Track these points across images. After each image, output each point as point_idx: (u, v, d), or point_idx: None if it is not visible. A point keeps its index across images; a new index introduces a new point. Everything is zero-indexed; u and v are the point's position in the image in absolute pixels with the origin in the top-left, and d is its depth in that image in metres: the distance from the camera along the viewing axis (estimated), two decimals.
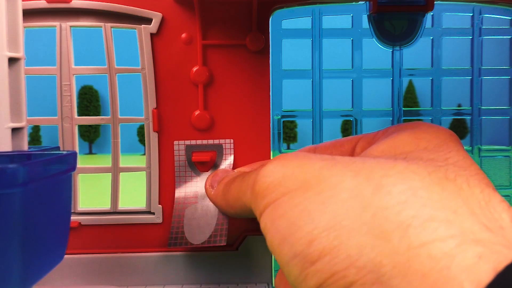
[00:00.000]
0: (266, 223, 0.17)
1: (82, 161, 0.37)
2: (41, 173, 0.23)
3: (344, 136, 0.45)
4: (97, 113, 3.30)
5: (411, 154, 0.17)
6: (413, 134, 0.19)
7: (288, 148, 4.09)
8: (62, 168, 0.26)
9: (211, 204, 0.40)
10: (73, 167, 0.28)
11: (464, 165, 0.17)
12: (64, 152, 0.27)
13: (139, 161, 0.43)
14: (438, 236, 0.13)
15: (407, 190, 0.15)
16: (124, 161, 0.43)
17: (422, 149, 0.18)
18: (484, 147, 0.45)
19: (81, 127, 3.31)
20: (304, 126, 4.16)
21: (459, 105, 0.46)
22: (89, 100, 3.55)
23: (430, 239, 0.13)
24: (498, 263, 0.12)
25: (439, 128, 0.21)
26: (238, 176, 0.22)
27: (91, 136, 3.60)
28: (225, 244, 0.37)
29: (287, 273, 0.16)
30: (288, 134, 4.08)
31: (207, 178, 0.24)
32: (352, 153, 0.24)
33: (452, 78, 0.45)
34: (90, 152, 3.62)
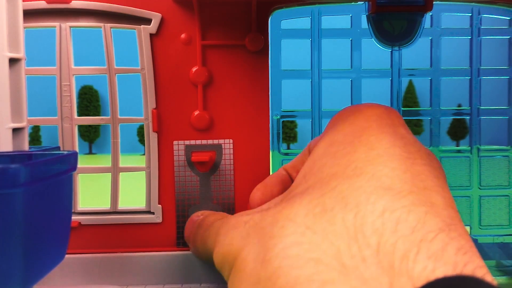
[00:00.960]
0: None
1: (82, 161, 0.37)
2: (42, 173, 0.23)
3: None
4: (97, 113, 3.30)
5: (320, 173, 0.18)
6: (330, 136, 0.19)
7: (288, 148, 4.09)
8: (63, 168, 0.26)
9: (214, 205, 0.40)
10: (73, 167, 0.28)
11: (361, 169, 0.17)
12: (65, 152, 0.27)
13: (139, 161, 0.43)
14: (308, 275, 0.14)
15: (281, 252, 0.15)
16: (124, 161, 0.43)
17: (331, 158, 0.18)
18: (483, 147, 0.45)
19: (81, 127, 3.31)
20: (304, 126, 4.17)
21: (459, 105, 0.46)
22: (89, 100, 3.55)
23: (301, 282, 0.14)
24: None
25: (361, 110, 0.20)
26: (197, 235, 0.27)
27: (91, 136, 3.60)
28: None
29: None
30: (288, 134, 4.08)
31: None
32: None
33: (452, 78, 0.45)
34: (90, 152, 3.62)
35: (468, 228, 0.44)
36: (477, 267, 0.13)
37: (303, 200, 0.17)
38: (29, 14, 0.41)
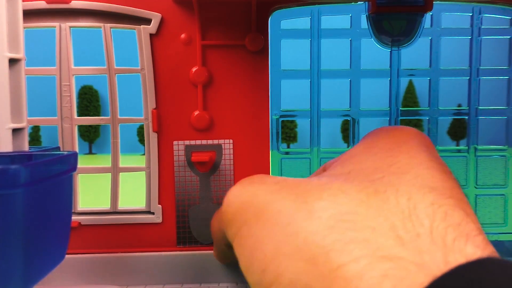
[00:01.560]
0: (236, 252, 0.19)
1: (82, 161, 0.37)
2: (43, 174, 0.23)
3: (343, 135, 0.45)
4: (97, 113, 3.29)
5: (360, 165, 0.19)
6: (369, 141, 0.20)
7: (288, 147, 4.09)
8: (63, 169, 0.26)
9: (214, 204, 0.40)
10: (73, 167, 0.28)
11: (406, 169, 0.18)
12: (65, 152, 0.27)
13: (139, 161, 0.43)
14: (352, 257, 0.14)
15: (335, 215, 0.15)
16: (124, 161, 0.43)
17: (372, 156, 0.19)
18: (480, 146, 0.45)
19: (81, 127, 3.31)
20: (304, 126, 4.16)
21: (459, 105, 0.46)
22: (89, 100, 3.54)
23: (346, 261, 0.14)
24: (400, 281, 0.13)
25: (402, 129, 0.22)
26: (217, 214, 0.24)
27: (91, 136, 3.60)
28: None
29: None
30: (288, 134, 4.08)
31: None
32: None
33: (451, 78, 0.45)
34: (90, 152, 3.62)
35: None
36: None
37: (354, 181, 0.17)
38: (28, 14, 0.41)
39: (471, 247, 0.14)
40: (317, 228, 0.15)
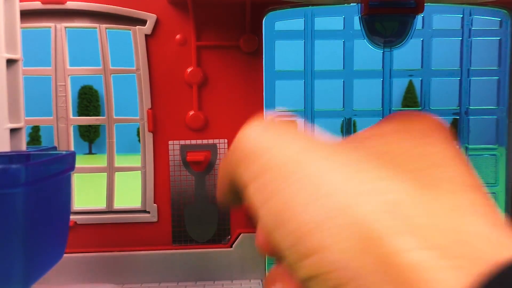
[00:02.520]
0: (253, 198, 0.17)
1: (82, 161, 0.38)
2: (42, 173, 0.23)
3: (343, 135, 0.46)
4: (97, 113, 3.28)
5: (387, 155, 0.18)
6: (393, 134, 0.19)
7: None
8: (61, 168, 0.26)
9: (209, 204, 0.41)
10: (72, 167, 0.28)
11: (441, 162, 0.17)
12: (64, 152, 0.27)
13: (138, 161, 0.43)
14: (412, 247, 0.14)
15: (390, 202, 0.15)
16: (124, 161, 0.44)
17: (402, 141, 0.18)
18: (471, 146, 0.46)
19: (81, 127, 3.29)
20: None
21: (458, 105, 0.47)
22: (89, 100, 3.52)
23: (406, 248, 0.13)
24: (465, 273, 0.13)
25: (425, 117, 0.21)
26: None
27: (91, 136, 3.57)
28: (229, 242, 0.38)
29: (285, 255, 0.16)
30: None
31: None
32: None
33: (443, 79, 0.45)
34: (90, 152, 3.60)
35: None
36: None
37: (395, 167, 0.16)
38: (24, 15, 0.41)
39: None
40: (374, 209, 0.14)
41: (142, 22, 0.41)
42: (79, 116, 0.43)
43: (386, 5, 0.39)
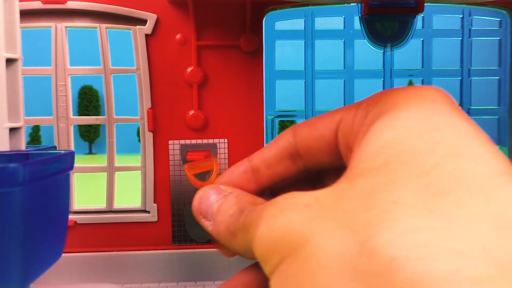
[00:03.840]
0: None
1: (82, 161, 0.38)
2: (41, 172, 0.23)
3: None
4: (97, 113, 3.28)
5: (394, 148, 0.14)
6: (393, 113, 0.16)
7: None
8: (60, 168, 0.26)
9: None
10: (70, 166, 0.28)
11: (457, 148, 0.14)
12: (62, 151, 0.27)
13: (138, 161, 0.43)
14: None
15: (396, 238, 0.12)
16: (125, 161, 0.44)
17: (404, 132, 0.15)
18: None
19: (81, 127, 3.29)
20: None
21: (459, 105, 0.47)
22: (89, 100, 3.53)
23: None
24: None
25: (421, 90, 0.17)
26: (238, 222, 0.18)
27: (91, 136, 3.58)
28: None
29: None
30: None
31: (195, 198, 0.18)
32: (334, 140, 0.19)
33: (444, 79, 0.45)
34: (90, 152, 3.60)
35: None
36: None
37: (402, 178, 0.13)
38: (24, 14, 0.41)
39: None
40: (377, 268, 0.12)
41: (142, 21, 0.41)
42: (79, 116, 0.42)
43: (386, 5, 0.39)
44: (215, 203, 0.20)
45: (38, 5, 0.41)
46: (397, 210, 0.12)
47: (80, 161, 0.35)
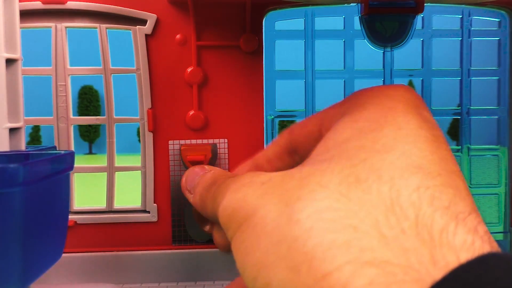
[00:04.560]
0: (234, 255, 0.18)
1: (82, 161, 0.38)
2: (41, 173, 0.23)
3: None
4: (97, 113, 3.28)
5: (344, 144, 0.17)
6: (352, 115, 0.19)
7: None
8: (60, 168, 0.26)
9: None
10: (70, 166, 0.28)
11: (391, 146, 0.16)
12: (62, 152, 0.27)
13: (138, 161, 0.43)
14: (335, 265, 0.13)
15: (313, 214, 0.14)
16: (125, 161, 0.44)
17: (357, 132, 0.18)
18: (473, 146, 0.46)
19: (81, 127, 3.30)
20: None
21: (459, 105, 0.47)
22: (89, 100, 3.53)
23: (330, 270, 0.13)
24: None
25: (386, 90, 0.19)
26: (210, 191, 0.22)
27: (91, 136, 3.58)
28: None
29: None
30: None
31: (184, 175, 0.23)
32: (319, 136, 0.22)
33: (443, 79, 0.45)
34: (90, 152, 3.60)
35: None
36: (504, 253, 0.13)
37: (335, 169, 0.16)
38: (24, 15, 0.41)
39: (461, 235, 0.13)
40: (298, 233, 0.14)
41: (142, 22, 0.41)
42: (79, 116, 0.43)
43: (386, 5, 0.39)
44: (197, 178, 0.23)
45: (38, 5, 0.41)
46: (321, 191, 0.15)
47: (80, 161, 0.35)
